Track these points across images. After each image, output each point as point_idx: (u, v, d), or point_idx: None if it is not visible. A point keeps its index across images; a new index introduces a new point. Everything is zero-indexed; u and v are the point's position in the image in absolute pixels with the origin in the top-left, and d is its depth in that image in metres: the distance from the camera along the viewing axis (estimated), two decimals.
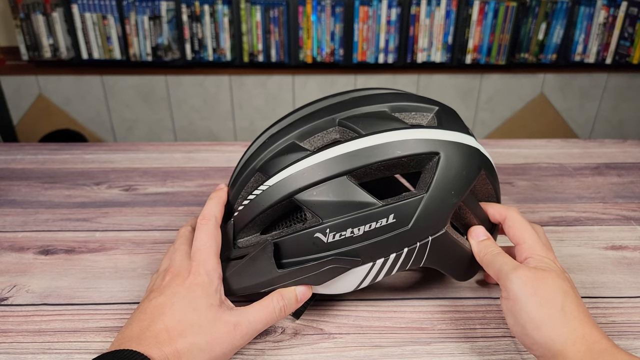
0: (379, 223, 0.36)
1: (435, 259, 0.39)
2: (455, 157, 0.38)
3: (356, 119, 0.38)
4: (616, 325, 0.41)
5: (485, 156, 0.40)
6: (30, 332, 0.40)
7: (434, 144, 0.37)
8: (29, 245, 0.52)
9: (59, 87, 2.12)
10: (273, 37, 1.96)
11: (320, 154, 0.36)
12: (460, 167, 0.38)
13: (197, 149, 0.76)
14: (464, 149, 0.38)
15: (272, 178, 0.37)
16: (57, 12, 1.91)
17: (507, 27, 1.96)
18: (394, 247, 0.37)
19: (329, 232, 0.36)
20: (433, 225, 0.37)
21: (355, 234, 0.36)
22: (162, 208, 0.59)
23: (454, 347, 0.39)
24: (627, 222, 0.56)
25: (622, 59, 2.01)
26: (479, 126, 2.26)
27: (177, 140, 2.26)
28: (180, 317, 0.34)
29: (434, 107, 0.40)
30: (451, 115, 0.41)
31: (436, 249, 0.38)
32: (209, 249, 0.38)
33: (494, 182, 0.42)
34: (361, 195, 0.36)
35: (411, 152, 0.36)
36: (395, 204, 0.36)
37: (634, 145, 0.77)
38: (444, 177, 0.37)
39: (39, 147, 0.76)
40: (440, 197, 0.37)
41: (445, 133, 0.38)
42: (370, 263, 0.37)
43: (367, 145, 0.36)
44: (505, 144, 0.78)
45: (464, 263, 0.41)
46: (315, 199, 0.36)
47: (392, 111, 0.40)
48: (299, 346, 0.39)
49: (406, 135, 0.37)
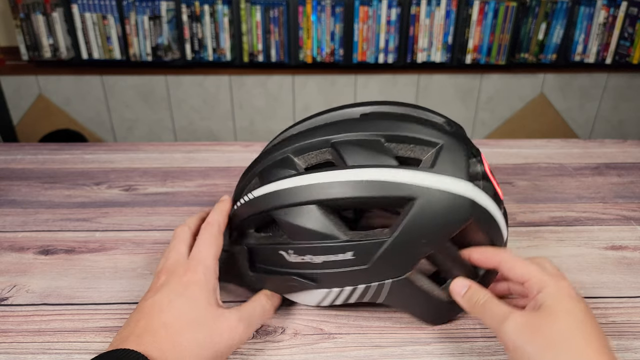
0: (337, 257, 0.36)
1: (395, 301, 0.39)
2: (435, 205, 0.35)
3: (346, 145, 0.38)
4: (616, 325, 0.41)
5: (480, 205, 0.37)
6: (30, 332, 0.40)
7: (411, 189, 0.35)
8: (29, 245, 0.52)
9: (59, 87, 2.12)
10: (273, 37, 1.96)
11: (300, 177, 0.37)
12: (438, 216, 0.35)
13: (197, 149, 0.76)
14: (448, 198, 0.35)
15: (260, 189, 0.39)
16: (57, 12, 1.91)
17: (507, 27, 1.96)
18: (349, 281, 0.37)
19: (291, 252, 0.38)
20: (393, 270, 0.37)
21: (314, 260, 0.37)
22: (162, 208, 0.59)
23: (454, 347, 0.39)
24: (627, 222, 0.56)
25: (622, 59, 2.01)
26: (479, 126, 2.26)
27: (177, 140, 2.26)
28: (178, 313, 0.34)
29: (437, 142, 0.37)
30: (453, 154, 0.37)
31: (395, 292, 0.38)
32: (209, 250, 0.38)
33: (491, 231, 0.38)
34: (326, 227, 0.36)
35: (384, 194, 0.35)
36: (356, 242, 0.36)
37: (634, 145, 0.77)
38: (415, 224, 0.35)
39: (39, 147, 0.76)
40: (405, 245, 0.36)
41: (431, 177, 0.35)
42: (327, 289, 0.38)
43: (344, 180, 0.36)
44: (505, 144, 0.78)
45: (429, 310, 0.40)
46: (285, 219, 0.37)
47: (387, 141, 0.38)
48: (299, 346, 0.39)
49: (385, 175, 0.35)
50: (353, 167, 0.36)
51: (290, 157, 0.39)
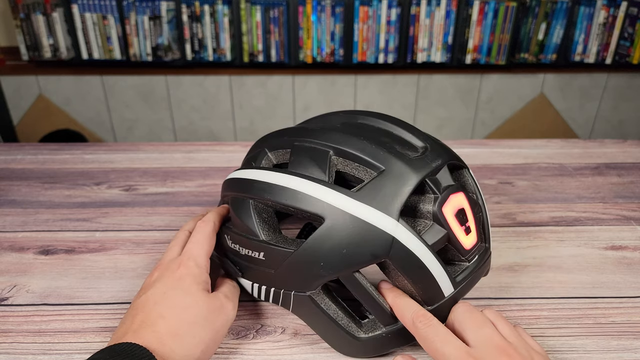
0: (253, 254, 0.38)
1: (303, 316, 0.39)
2: (342, 232, 0.33)
3: (299, 150, 0.38)
4: (616, 325, 0.41)
5: (404, 247, 0.33)
6: (30, 332, 0.40)
7: (324, 207, 0.33)
8: (29, 245, 0.52)
9: (59, 87, 2.12)
10: (273, 37, 1.96)
11: (251, 171, 0.39)
12: (341, 243, 0.33)
13: (197, 149, 0.76)
14: (361, 228, 0.33)
15: (234, 172, 0.42)
16: (57, 12, 1.91)
17: (507, 27, 1.96)
18: (263, 280, 0.39)
19: (228, 238, 0.40)
20: (297, 283, 0.36)
21: (241, 252, 0.39)
22: (162, 208, 0.59)
23: None
24: (627, 222, 0.56)
25: (622, 59, 2.01)
26: (479, 126, 2.26)
27: (177, 140, 2.26)
28: (173, 304, 0.35)
29: (380, 167, 0.34)
30: (390, 183, 0.34)
31: (300, 305, 0.38)
32: (202, 248, 0.39)
33: (418, 279, 0.34)
34: (250, 222, 0.38)
35: (297, 206, 0.35)
36: (267, 245, 0.37)
37: (634, 145, 0.77)
38: (316, 244, 0.34)
39: (39, 147, 0.76)
40: (305, 262, 0.35)
41: (349, 201, 0.33)
42: (250, 281, 0.40)
43: (272, 182, 0.37)
44: (505, 144, 0.78)
45: (333, 336, 0.38)
46: (232, 206, 0.40)
47: (336, 154, 0.36)
48: (299, 346, 0.39)
49: (305, 187, 0.35)
50: (286, 172, 0.37)
51: (265, 151, 0.41)
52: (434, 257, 0.34)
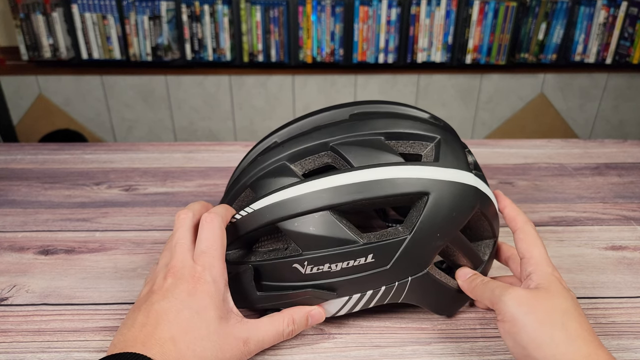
0: (358, 261, 0.35)
1: (414, 297, 0.39)
2: (447, 198, 0.36)
3: (348, 146, 0.37)
4: (616, 325, 0.41)
5: (482, 192, 0.38)
6: (30, 332, 0.40)
7: (424, 183, 0.35)
8: (29, 245, 0.52)
9: (59, 87, 2.12)
10: (273, 37, 1.96)
11: (306, 184, 0.36)
12: (451, 208, 0.36)
13: (197, 149, 0.76)
14: (457, 188, 0.36)
15: (259, 201, 0.37)
16: (57, 12, 1.91)
17: (507, 27, 1.96)
18: (371, 284, 0.37)
19: (306, 264, 0.36)
20: (414, 267, 0.37)
21: (333, 269, 0.36)
22: (162, 208, 0.59)
23: (454, 347, 0.39)
24: (627, 222, 0.56)
25: (622, 59, 2.01)
26: (479, 126, 2.26)
27: (177, 140, 2.26)
28: (187, 327, 0.32)
29: (435, 137, 0.38)
30: (452, 146, 0.38)
31: (416, 288, 0.38)
32: (214, 252, 0.36)
33: (491, 218, 0.40)
34: (342, 232, 0.35)
35: (400, 192, 0.35)
36: (375, 244, 0.35)
37: (634, 145, 0.77)
38: (431, 219, 0.35)
39: (39, 147, 0.76)
40: (423, 240, 0.36)
41: (439, 171, 0.36)
42: (346, 297, 0.37)
43: (355, 182, 0.35)
44: (505, 144, 0.78)
45: (445, 300, 0.40)
46: (296, 230, 0.35)
47: (387, 139, 0.38)
48: (299, 346, 0.39)
49: (397, 172, 0.35)
50: (361, 168, 0.36)
51: (286, 165, 0.38)
52: (493, 195, 0.41)
